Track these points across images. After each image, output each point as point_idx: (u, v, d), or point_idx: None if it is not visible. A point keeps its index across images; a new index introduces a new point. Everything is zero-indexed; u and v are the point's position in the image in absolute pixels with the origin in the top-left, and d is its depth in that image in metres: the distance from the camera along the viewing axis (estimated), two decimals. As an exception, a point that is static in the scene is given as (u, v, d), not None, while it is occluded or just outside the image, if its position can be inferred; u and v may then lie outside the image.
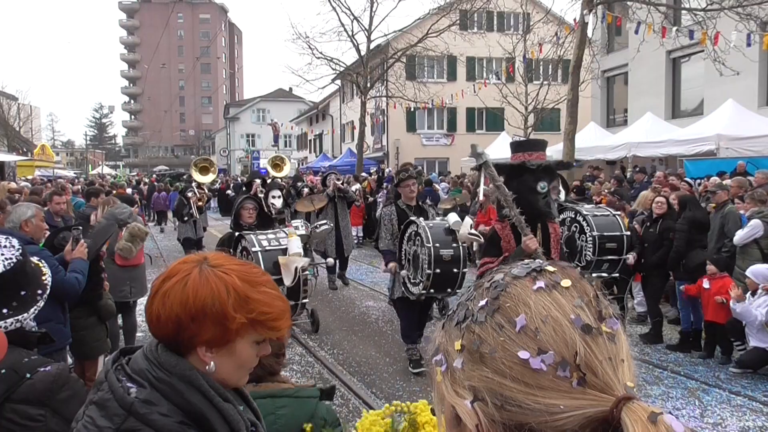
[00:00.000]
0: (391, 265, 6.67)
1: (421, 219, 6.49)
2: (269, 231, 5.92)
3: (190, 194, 13.39)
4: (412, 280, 6.52)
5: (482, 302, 0.82)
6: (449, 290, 6.48)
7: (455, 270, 6.28)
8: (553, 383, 0.74)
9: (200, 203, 13.71)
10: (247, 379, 1.45)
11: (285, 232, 5.79)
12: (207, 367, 1.34)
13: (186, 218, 13.17)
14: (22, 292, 2.33)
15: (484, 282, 0.87)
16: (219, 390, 1.34)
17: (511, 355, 0.76)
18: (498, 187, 3.88)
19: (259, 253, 5.43)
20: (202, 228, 13.93)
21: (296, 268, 5.35)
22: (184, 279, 1.34)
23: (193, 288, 1.32)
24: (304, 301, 5.73)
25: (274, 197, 9.55)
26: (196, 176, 14.68)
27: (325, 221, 9.10)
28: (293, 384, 2.48)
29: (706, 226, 7.62)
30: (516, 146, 4.98)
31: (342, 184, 11.62)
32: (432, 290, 6.31)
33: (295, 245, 5.49)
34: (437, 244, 6.15)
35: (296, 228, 6.92)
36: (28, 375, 2.12)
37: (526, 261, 0.88)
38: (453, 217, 6.44)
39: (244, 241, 5.64)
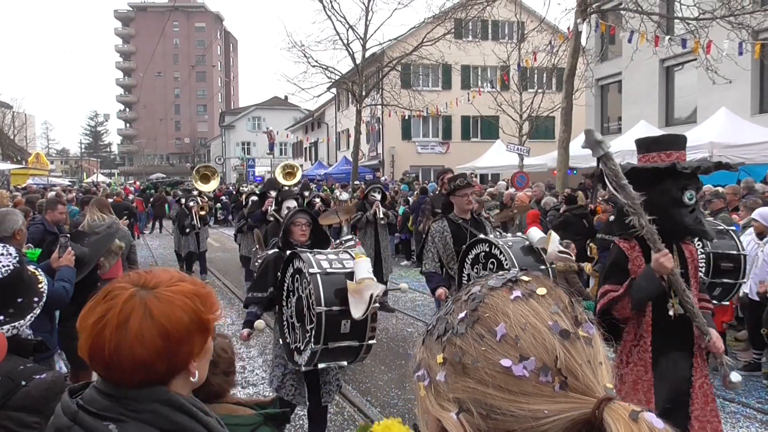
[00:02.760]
0: (441, 291, 5.45)
1: (493, 236, 5.36)
2: (329, 251, 4.70)
3: (192, 203, 12.51)
4: None
5: (461, 315, 0.84)
6: None
7: None
8: (536, 389, 0.76)
9: (202, 213, 12.87)
10: None
11: (350, 253, 4.63)
12: (192, 379, 1.32)
13: (188, 230, 12.36)
14: (19, 300, 2.34)
15: (462, 295, 0.88)
16: (197, 405, 1.33)
17: (494, 364, 0.78)
18: (622, 188, 3.02)
19: (318, 275, 4.19)
20: (205, 240, 13.03)
21: (371, 297, 4.14)
22: (146, 314, 1.25)
23: (165, 316, 1.26)
24: (371, 342, 4.33)
25: (288, 208, 8.09)
26: (198, 185, 14.08)
27: (351, 236, 8.07)
28: (238, 404, 2.24)
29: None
30: (646, 144, 3.59)
31: (387, 201, 10.09)
32: None
33: (364, 269, 4.31)
34: (524, 268, 4.82)
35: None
36: (23, 382, 2.12)
37: (501, 272, 0.90)
38: (536, 233, 5.28)
39: (298, 260, 4.45)
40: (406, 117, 27.83)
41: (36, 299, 2.43)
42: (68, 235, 4.79)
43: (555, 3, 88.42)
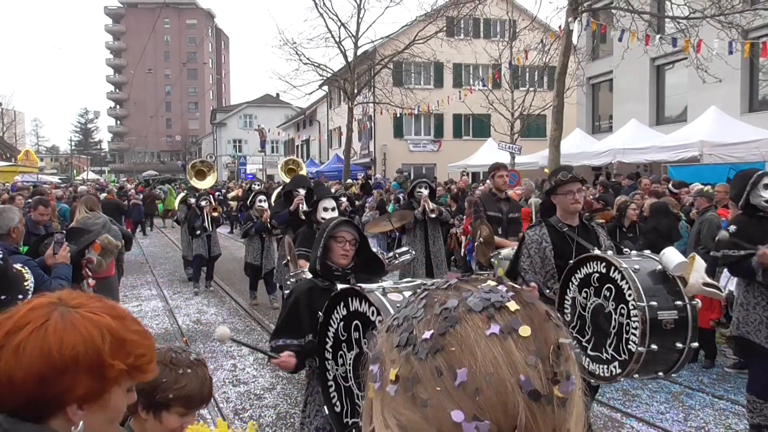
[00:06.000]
0: (533, 285, 4.16)
1: (611, 253, 4.02)
2: (403, 283, 3.02)
3: (203, 203, 11.53)
4: (590, 352, 3.92)
5: (427, 333, 0.73)
6: (660, 372, 3.91)
7: (679, 345, 3.69)
8: None
9: (215, 214, 11.85)
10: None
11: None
12: (74, 429, 1.14)
13: (199, 232, 11.37)
14: (2, 297, 2.31)
15: (435, 302, 0.76)
16: None
17: (444, 412, 0.69)
18: None
19: None
20: (216, 244, 11.85)
21: None
22: (43, 327, 1.11)
23: (57, 336, 1.11)
24: None
25: (326, 210, 6.11)
26: (193, 181, 13.46)
27: (407, 248, 6.74)
28: None
29: (670, 234, 7.54)
30: None
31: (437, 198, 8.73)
32: (636, 374, 3.74)
33: None
34: (653, 303, 3.64)
35: None
36: None
37: (487, 286, 0.76)
38: (674, 255, 3.85)
39: (360, 302, 2.83)
40: (398, 115, 27.82)
41: (20, 297, 2.41)
42: (63, 232, 4.76)
43: (546, 1, 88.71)
